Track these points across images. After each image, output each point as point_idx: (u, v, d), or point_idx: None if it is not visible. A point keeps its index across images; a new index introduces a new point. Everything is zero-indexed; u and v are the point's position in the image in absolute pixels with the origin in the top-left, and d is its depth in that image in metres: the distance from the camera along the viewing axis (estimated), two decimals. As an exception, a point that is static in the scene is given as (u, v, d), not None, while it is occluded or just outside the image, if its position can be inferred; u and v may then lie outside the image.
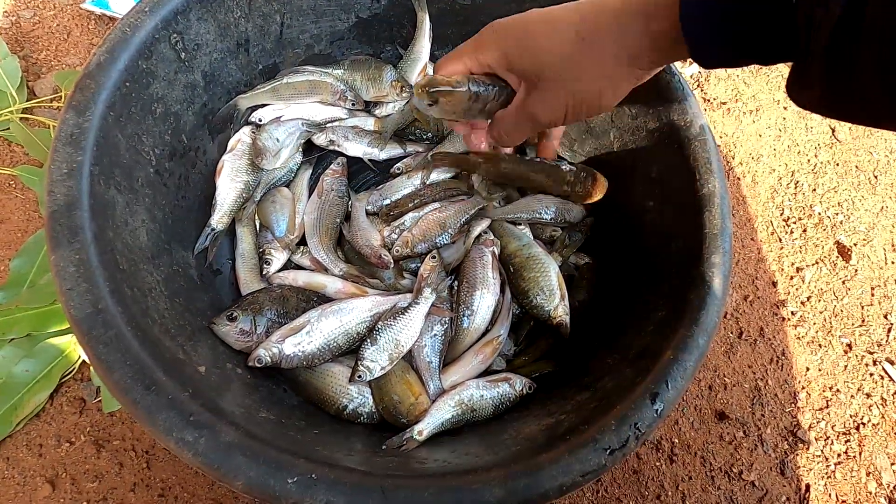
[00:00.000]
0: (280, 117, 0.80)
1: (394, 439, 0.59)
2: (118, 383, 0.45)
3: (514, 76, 0.53)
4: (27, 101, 0.92)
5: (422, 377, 0.66)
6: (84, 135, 0.54)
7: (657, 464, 0.83)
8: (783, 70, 1.24)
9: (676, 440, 0.85)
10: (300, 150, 0.81)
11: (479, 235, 0.75)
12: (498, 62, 0.53)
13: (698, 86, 1.18)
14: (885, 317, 0.98)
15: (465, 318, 0.69)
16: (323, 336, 0.64)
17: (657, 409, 0.50)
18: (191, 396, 0.46)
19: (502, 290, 0.72)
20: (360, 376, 0.63)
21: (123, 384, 0.45)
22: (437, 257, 0.72)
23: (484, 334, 0.70)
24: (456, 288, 0.72)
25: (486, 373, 0.69)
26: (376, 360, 0.64)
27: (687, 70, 1.20)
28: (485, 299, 0.69)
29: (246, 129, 0.78)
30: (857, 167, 1.11)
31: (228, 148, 0.76)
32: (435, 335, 0.68)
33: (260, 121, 0.79)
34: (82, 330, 0.46)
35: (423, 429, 0.61)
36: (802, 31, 0.35)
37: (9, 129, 0.88)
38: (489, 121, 0.59)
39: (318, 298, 0.71)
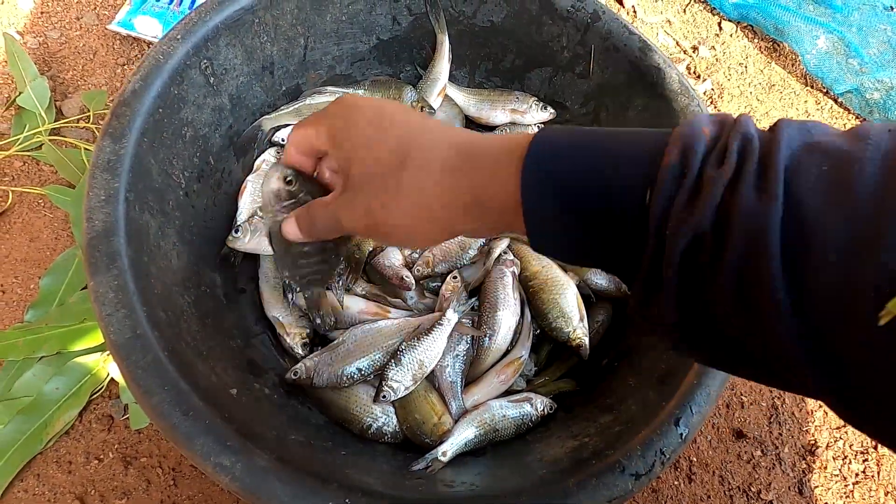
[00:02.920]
0: (303, 138, 0.81)
1: (419, 462, 0.60)
2: (156, 408, 0.46)
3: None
4: (55, 120, 0.94)
5: (444, 397, 0.67)
6: (120, 161, 0.55)
7: (675, 483, 0.83)
8: (796, 86, 1.24)
9: (694, 458, 0.85)
10: (322, 170, 0.82)
11: (500, 256, 0.76)
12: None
13: (711, 102, 1.19)
14: (903, 334, 0.98)
15: (487, 338, 0.70)
16: (355, 357, 0.66)
17: (682, 434, 0.50)
18: (226, 421, 0.47)
19: (522, 311, 0.73)
20: (384, 396, 0.64)
21: (162, 409, 0.46)
22: (459, 277, 0.73)
23: (505, 354, 0.71)
24: (478, 308, 0.73)
25: (507, 393, 0.70)
26: (400, 380, 0.65)
27: (700, 87, 1.21)
28: (506, 320, 0.70)
29: (270, 150, 0.79)
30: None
31: (253, 168, 0.78)
32: (457, 355, 0.68)
33: (283, 141, 0.81)
34: (121, 355, 0.47)
35: (448, 449, 0.61)
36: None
37: (39, 147, 0.90)
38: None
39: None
